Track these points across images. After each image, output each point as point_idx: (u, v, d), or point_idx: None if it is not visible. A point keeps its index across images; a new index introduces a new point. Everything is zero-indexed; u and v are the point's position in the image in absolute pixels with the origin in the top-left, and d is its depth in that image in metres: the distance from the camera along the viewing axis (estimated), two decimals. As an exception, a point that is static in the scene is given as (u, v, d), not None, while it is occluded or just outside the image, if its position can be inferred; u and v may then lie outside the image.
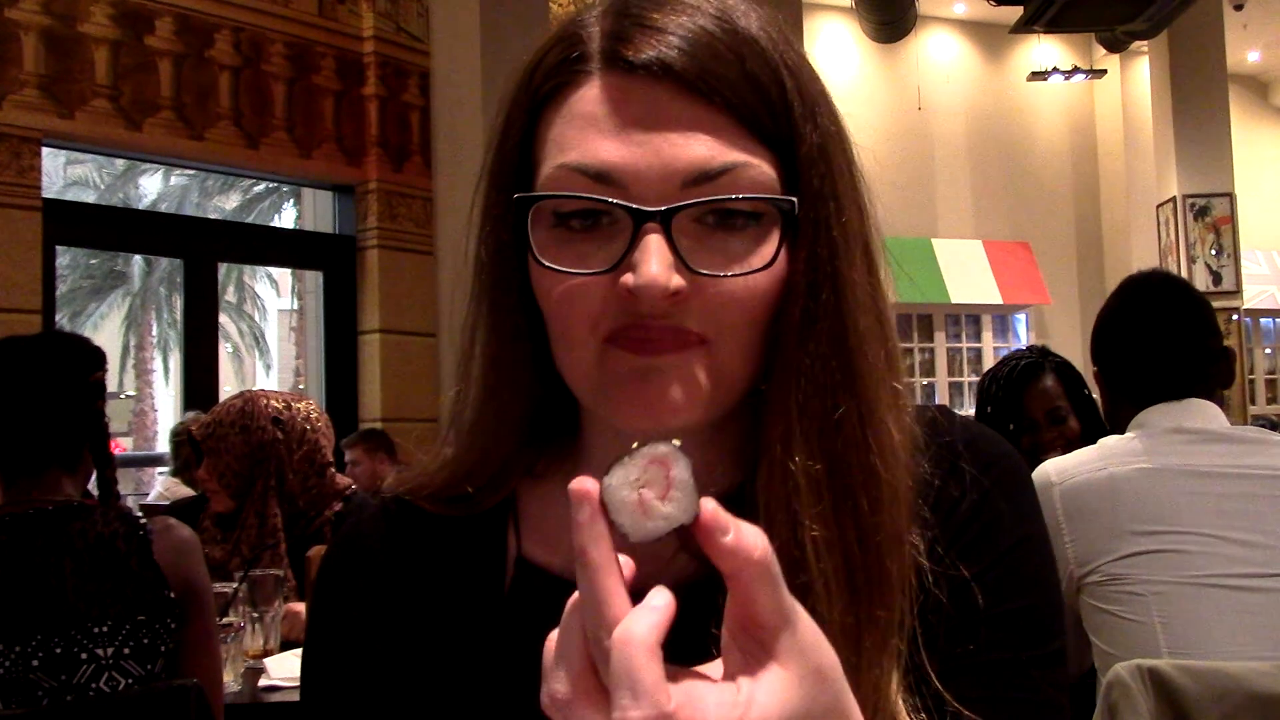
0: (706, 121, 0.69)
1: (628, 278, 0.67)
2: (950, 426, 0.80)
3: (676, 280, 0.67)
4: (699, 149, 0.69)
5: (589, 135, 0.70)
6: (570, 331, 0.71)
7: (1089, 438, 2.78)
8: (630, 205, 0.68)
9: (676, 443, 0.54)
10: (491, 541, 0.83)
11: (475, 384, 0.81)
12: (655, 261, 0.66)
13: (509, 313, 0.77)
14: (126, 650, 1.82)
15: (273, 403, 2.94)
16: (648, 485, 0.54)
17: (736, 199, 0.69)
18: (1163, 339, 2.06)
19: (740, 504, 0.58)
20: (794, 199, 0.71)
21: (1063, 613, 0.78)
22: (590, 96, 0.71)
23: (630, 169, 0.68)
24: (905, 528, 0.71)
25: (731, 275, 0.69)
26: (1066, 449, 2.73)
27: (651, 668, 0.48)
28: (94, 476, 2.07)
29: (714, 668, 0.54)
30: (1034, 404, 2.81)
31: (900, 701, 0.68)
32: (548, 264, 0.70)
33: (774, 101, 0.71)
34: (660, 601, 0.50)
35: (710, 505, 0.52)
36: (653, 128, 0.69)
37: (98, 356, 2.07)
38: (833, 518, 0.67)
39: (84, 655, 1.80)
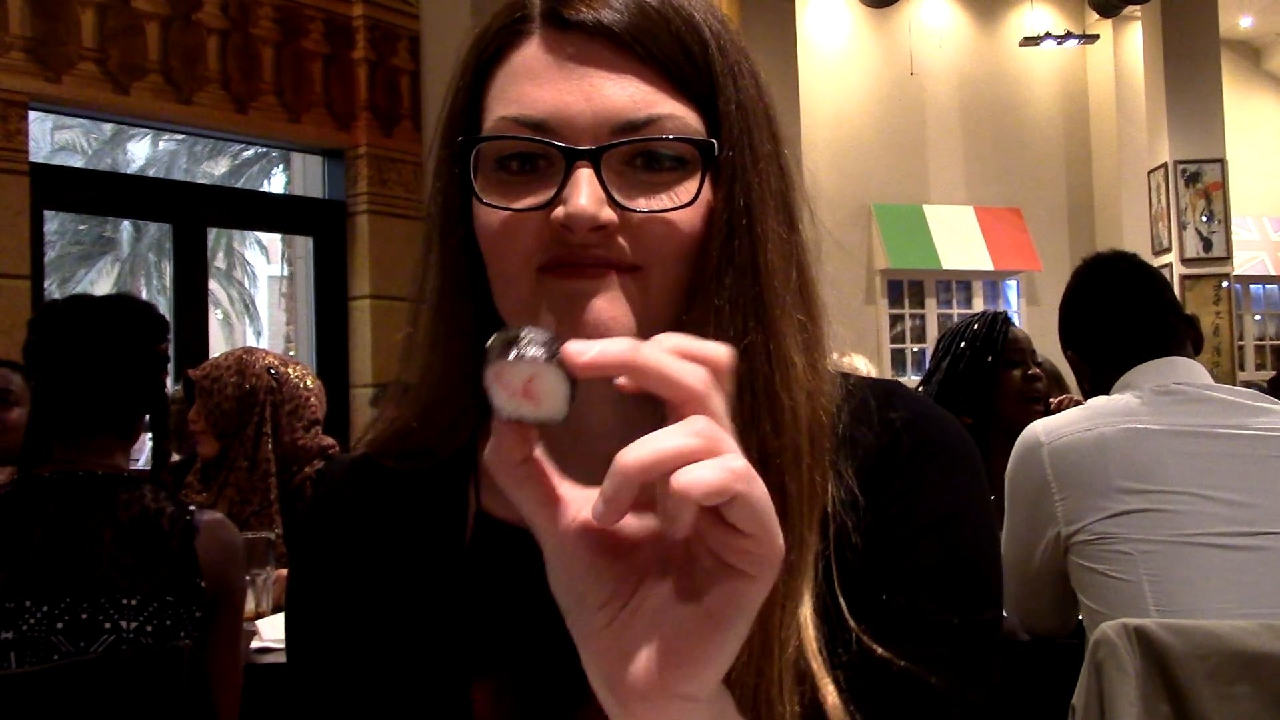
0: (635, 71, 0.75)
1: (559, 210, 0.73)
2: (900, 401, 0.83)
3: (606, 213, 0.73)
4: (630, 92, 0.74)
5: (527, 88, 0.76)
6: (506, 265, 0.76)
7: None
8: (561, 144, 0.73)
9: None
10: (452, 496, 0.86)
11: (422, 331, 0.85)
12: (585, 194, 0.72)
13: (455, 260, 0.81)
14: (149, 628, 1.82)
15: (270, 358, 3.04)
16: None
17: (663, 139, 0.75)
18: (1137, 302, 2.12)
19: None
20: (715, 141, 0.76)
21: (993, 590, 0.81)
22: (528, 53, 0.77)
23: (563, 115, 0.74)
24: (805, 451, 0.75)
25: (656, 211, 0.75)
26: (1046, 394, 2.80)
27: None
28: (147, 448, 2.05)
29: None
30: (1020, 344, 2.84)
31: (813, 631, 0.71)
32: (487, 201, 0.76)
33: (696, 57, 0.77)
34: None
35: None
36: (584, 74, 0.75)
37: (164, 326, 2.07)
38: (739, 439, 0.67)
39: (108, 625, 1.79)
